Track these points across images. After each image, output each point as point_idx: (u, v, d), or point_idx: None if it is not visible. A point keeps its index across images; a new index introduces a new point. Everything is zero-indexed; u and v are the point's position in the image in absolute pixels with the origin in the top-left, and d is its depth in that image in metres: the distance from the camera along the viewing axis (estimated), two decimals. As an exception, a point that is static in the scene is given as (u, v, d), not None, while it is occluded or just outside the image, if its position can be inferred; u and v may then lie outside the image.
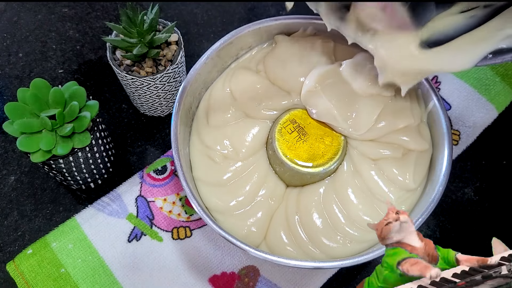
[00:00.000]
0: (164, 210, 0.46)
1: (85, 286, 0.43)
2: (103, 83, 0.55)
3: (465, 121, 0.52)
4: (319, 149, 0.43)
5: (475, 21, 0.37)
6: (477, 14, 0.37)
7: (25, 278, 0.42)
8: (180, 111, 0.43)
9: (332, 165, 0.42)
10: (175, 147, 0.41)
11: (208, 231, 0.46)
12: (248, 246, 0.38)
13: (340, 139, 0.43)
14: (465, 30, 0.37)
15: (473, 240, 0.47)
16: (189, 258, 0.44)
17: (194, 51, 0.57)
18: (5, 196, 0.48)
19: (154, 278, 0.43)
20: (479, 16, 0.37)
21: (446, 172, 0.41)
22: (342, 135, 0.44)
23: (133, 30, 0.44)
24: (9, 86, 0.54)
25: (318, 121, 0.44)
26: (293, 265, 0.37)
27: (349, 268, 0.45)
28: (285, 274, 0.44)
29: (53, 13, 0.60)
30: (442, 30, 0.38)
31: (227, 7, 0.61)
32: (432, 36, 0.38)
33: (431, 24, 0.38)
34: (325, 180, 0.43)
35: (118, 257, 0.44)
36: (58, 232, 0.45)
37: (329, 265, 0.38)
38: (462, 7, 0.37)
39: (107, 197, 0.47)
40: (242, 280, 0.44)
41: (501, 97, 0.53)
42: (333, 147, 0.43)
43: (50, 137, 0.40)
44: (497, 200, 0.49)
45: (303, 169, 0.42)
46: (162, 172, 0.48)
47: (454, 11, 0.37)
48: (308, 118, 0.44)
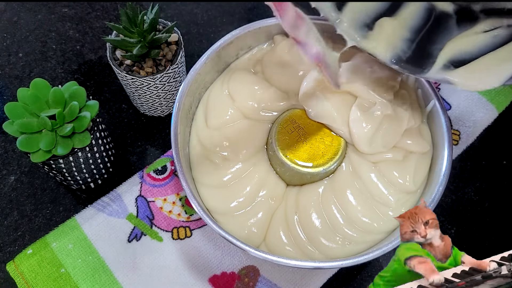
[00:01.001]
0: (164, 210, 0.46)
1: (85, 286, 0.43)
2: (103, 83, 0.55)
3: (465, 121, 0.52)
4: (319, 149, 0.43)
5: (499, 40, 0.37)
6: (500, 33, 0.37)
7: (25, 278, 0.42)
8: (180, 111, 0.43)
9: (332, 165, 0.42)
10: (175, 147, 0.41)
11: (208, 231, 0.46)
12: (249, 246, 0.38)
13: (340, 139, 0.43)
14: (490, 49, 0.37)
15: (473, 240, 0.47)
16: (189, 258, 0.44)
17: (194, 51, 0.57)
18: (5, 196, 0.48)
19: (154, 278, 0.43)
20: (503, 36, 0.36)
21: (446, 172, 0.41)
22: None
23: (133, 30, 0.44)
24: (9, 86, 0.54)
25: (318, 122, 0.44)
26: (293, 265, 0.37)
27: (349, 269, 0.45)
28: (285, 274, 0.44)
29: (53, 13, 0.60)
30: (466, 50, 0.37)
31: (227, 7, 0.61)
32: (456, 55, 0.38)
33: (453, 43, 0.38)
34: (324, 180, 0.43)
35: (118, 257, 0.44)
36: (58, 232, 0.45)
37: (329, 265, 0.38)
38: (485, 26, 0.37)
39: (107, 197, 0.47)
40: (242, 280, 0.44)
41: (501, 97, 0.53)
42: (333, 147, 0.43)
43: (50, 137, 0.40)
44: (497, 200, 0.49)
45: (303, 169, 0.42)
46: (162, 172, 0.48)
47: (478, 30, 0.37)
48: (308, 118, 0.44)
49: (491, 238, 0.47)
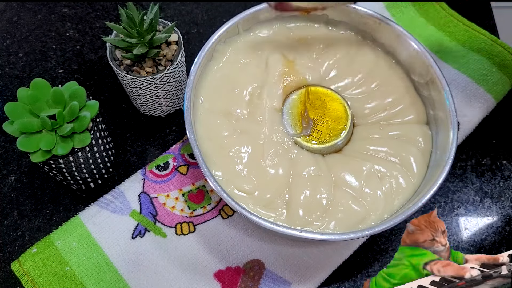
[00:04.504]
0: (167, 206, 0.47)
1: (90, 283, 0.43)
2: (103, 83, 0.55)
3: (464, 111, 0.52)
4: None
5: None
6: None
7: (30, 277, 0.42)
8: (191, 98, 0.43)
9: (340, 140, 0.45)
10: (192, 136, 0.41)
11: (212, 226, 0.46)
12: (289, 227, 0.38)
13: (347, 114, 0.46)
14: None
15: (473, 240, 0.47)
16: (193, 254, 0.45)
17: (194, 51, 0.57)
18: (5, 196, 0.48)
19: (159, 274, 0.44)
20: None
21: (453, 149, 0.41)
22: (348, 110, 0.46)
23: (133, 30, 0.44)
24: (9, 86, 0.54)
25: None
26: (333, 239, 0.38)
27: (353, 262, 0.45)
28: (290, 267, 0.44)
29: (53, 13, 0.60)
30: None
31: (227, 7, 0.61)
32: None
33: None
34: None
35: (123, 254, 0.44)
36: (62, 231, 0.45)
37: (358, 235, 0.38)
38: None
39: (110, 195, 0.47)
40: (247, 274, 0.44)
41: (499, 87, 0.53)
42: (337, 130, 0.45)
43: (50, 137, 0.40)
44: (497, 200, 0.49)
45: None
46: (165, 169, 0.48)
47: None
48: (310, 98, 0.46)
49: (490, 238, 0.47)
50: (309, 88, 0.47)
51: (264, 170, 0.43)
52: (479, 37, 0.56)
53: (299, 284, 0.44)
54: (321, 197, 0.41)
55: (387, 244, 0.46)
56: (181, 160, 0.49)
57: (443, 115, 0.43)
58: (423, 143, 0.45)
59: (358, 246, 0.46)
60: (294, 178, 0.43)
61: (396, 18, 0.59)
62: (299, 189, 0.42)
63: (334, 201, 0.41)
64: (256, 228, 0.46)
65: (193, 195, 0.47)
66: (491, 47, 0.55)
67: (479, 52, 0.55)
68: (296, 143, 0.45)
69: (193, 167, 0.49)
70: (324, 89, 0.47)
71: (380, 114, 0.47)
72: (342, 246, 0.45)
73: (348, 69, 0.49)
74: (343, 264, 0.45)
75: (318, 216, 0.41)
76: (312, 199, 0.41)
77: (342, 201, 0.41)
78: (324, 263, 0.44)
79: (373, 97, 0.47)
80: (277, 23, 0.49)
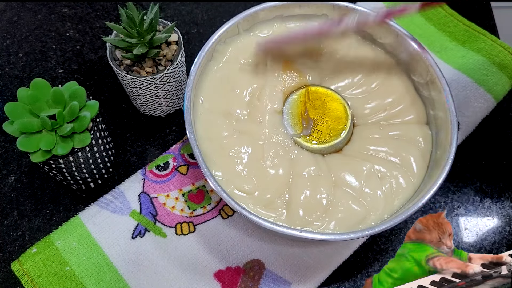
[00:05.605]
0: (167, 206, 0.47)
1: (90, 283, 0.43)
2: (103, 83, 0.55)
3: (464, 111, 0.52)
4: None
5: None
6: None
7: (30, 277, 0.42)
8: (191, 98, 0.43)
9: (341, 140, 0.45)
10: (192, 138, 0.41)
11: (212, 226, 0.46)
12: (288, 227, 0.38)
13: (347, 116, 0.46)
14: None
15: (473, 240, 0.47)
16: (193, 254, 0.45)
17: (194, 51, 0.57)
18: (5, 196, 0.48)
19: (159, 274, 0.44)
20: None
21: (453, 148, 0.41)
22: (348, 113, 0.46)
23: (133, 30, 0.44)
24: (9, 86, 0.54)
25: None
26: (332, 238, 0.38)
27: (353, 262, 0.45)
28: (290, 267, 0.44)
29: (53, 13, 0.60)
30: None
31: (227, 7, 0.61)
32: None
33: None
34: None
35: (123, 254, 0.44)
36: (62, 231, 0.45)
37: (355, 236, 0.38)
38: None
39: (110, 195, 0.47)
40: (247, 274, 0.44)
41: (499, 87, 0.53)
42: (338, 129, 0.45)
43: (50, 137, 0.40)
44: (497, 200, 0.49)
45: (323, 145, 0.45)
46: (164, 169, 0.48)
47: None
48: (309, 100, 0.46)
49: (490, 238, 0.47)
50: (309, 88, 0.47)
51: (264, 170, 0.43)
52: (479, 37, 0.56)
53: (299, 284, 0.44)
54: (321, 197, 0.41)
55: (387, 244, 0.46)
56: (181, 160, 0.49)
57: (443, 115, 0.43)
58: (423, 143, 0.45)
59: (358, 246, 0.46)
60: (294, 178, 0.43)
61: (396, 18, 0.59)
62: (299, 189, 0.42)
63: (334, 201, 0.41)
64: (256, 228, 0.46)
65: (193, 195, 0.47)
66: (491, 47, 0.55)
67: (479, 52, 0.55)
68: (296, 143, 0.45)
69: (193, 167, 0.49)
70: (324, 89, 0.47)
71: (380, 114, 0.47)
72: (342, 246, 0.45)
73: (348, 69, 0.49)
74: (343, 264, 0.45)
75: (318, 216, 0.41)
76: (312, 199, 0.41)
77: (342, 201, 0.41)
78: (324, 263, 0.44)
79: (373, 97, 0.47)
80: (277, 23, 0.49)
